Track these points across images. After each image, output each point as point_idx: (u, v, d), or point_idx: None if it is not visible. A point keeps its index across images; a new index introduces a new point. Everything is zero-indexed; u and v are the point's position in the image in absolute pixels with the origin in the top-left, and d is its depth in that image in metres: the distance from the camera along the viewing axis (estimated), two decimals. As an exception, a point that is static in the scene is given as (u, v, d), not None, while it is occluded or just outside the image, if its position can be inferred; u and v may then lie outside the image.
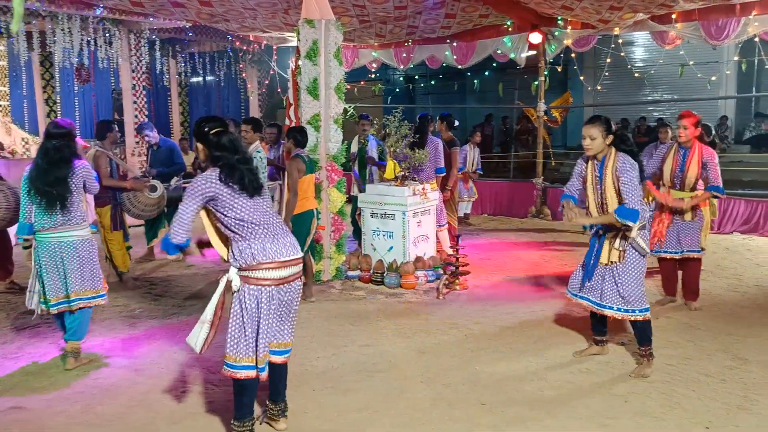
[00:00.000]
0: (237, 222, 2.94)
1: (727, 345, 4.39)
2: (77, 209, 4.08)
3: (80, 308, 4.13)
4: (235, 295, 3.00)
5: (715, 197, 4.94)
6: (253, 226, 2.96)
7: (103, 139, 5.92)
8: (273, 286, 2.99)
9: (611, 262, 3.85)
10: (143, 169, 6.66)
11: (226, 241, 3.11)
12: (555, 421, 3.35)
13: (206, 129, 3.00)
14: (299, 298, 3.19)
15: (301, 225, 5.40)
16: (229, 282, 3.00)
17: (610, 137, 3.78)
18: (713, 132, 5.97)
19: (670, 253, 5.08)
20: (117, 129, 6.10)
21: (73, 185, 4.03)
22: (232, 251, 3.00)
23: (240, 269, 2.98)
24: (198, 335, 3.08)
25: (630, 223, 3.65)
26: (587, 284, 4.00)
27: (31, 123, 13.54)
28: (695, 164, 4.86)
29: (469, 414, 3.44)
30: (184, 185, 6.43)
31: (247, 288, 2.98)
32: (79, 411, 3.53)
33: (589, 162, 3.90)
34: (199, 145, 3.03)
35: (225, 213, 2.94)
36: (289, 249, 3.05)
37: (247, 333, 2.99)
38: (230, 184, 2.92)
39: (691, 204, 4.92)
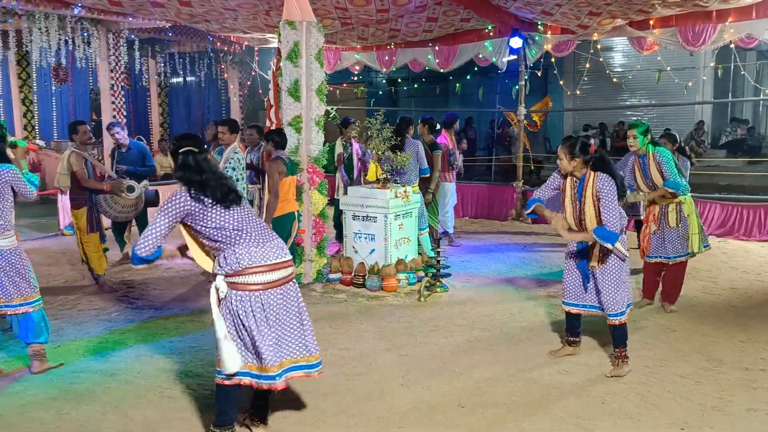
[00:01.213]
0: (217, 231, 2.91)
1: (702, 346, 4.45)
2: (4, 215, 3.85)
3: (14, 314, 3.95)
4: (222, 301, 2.95)
5: (673, 194, 4.99)
6: (235, 232, 2.92)
7: (72, 141, 5.86)
8: (261, 291, 2.92)
9: (591, 266, 3.92)
10: (115, 169, 6.54)
11: (209, 254, 3.07)
12: (533, 423, 3.37)
13: (176, 147, 3.01)
14: (300, 303, 3.07)
15: (281, 228, 5.37)
16: (217, 290, 2.95)
17: (576, 160, 3.82)
18: (678, 140, 6.08)
19: (654, 258, 5.19)
20: (88, 130, 5.98)
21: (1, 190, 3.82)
22: (218, 260, 2.96)
23: (226, 276, 2.93)
24: (231, 354, 2.88)
25: (609, 246, 3.72)
26: (583, 289, 4.05)
27: (8, 123, 13.29)
28: (654, 169, 4.98)
29: (448, 416, 3.44)
30: (152, 188, 6.41)
31: (234, 294, 2.92)
32: (52, 417, 3.46)
33: (568, 178, 3.95)
34: (172, 160, 3.06)
35: (204, 224, 2.91)
36: (277, 252, 2.99)
37: (237, 339, 2.93)
38: (202, 198, 2.89)
39: (651, 197, 5.05)
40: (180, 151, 2.99)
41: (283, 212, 5.38)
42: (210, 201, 2.90)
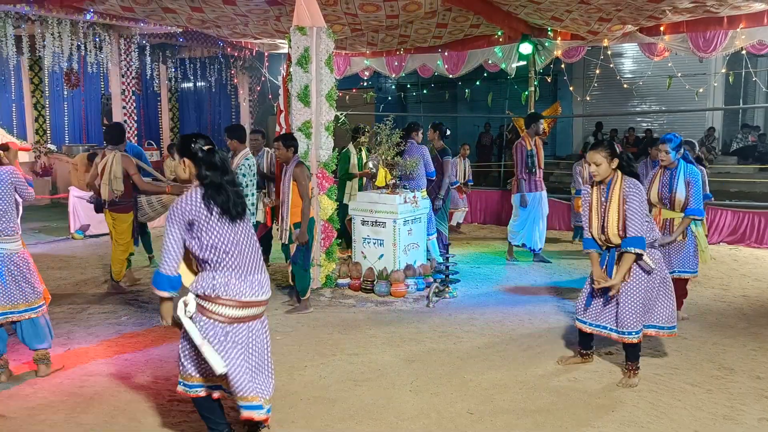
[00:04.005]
0: (209, 248, 2.79)
1: (713, 355, 4.41)
2: (9, 219, 3.83)
3: (13, 321, 3.92)
4: (191, 319, 2.83)
5: (697, 220, 4.85)
6: (224, 255, 2.80)
7: (120, 143, 5.82)
8: (226, 324, 2.81)
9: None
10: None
11: (191, 266, 2.96)
12: (542, 430, 3.34)
13: (198, 146, 2.88)
14: (264, 344, 2.94)
15: (311, 232, 5.46)
16: (185, 306, 2.82)
17: (616, 161, 3.77)
18: (697, 147, 5.98)
19: None
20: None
21: (2, 192, 3.80)
22: (197, 276, 2.87)
23: (197, 296, 2.83)
24: (213, 355, 2.79)
25: (640, 251, 3.68)
26: (600, 309, 3.95)
27: (20, 127, 13.45)
28: (682, 185, 4.78)
29: (457, 423, 3.42)
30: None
31: (198, 317, 2.81)
32: (61, 419, 3.48)
33: (595, 187, 3.89)
34: (187, 161, 2.88)
35: (200, 236, 2.79)
36: (255, 289, 2.86)
37: (195, 354, 2.84)
38: (212, 206, 2.79)
39: (677, 233, 4.85)
40: (204, 148, 2.87)
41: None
42: (217, 210, 2.80)
